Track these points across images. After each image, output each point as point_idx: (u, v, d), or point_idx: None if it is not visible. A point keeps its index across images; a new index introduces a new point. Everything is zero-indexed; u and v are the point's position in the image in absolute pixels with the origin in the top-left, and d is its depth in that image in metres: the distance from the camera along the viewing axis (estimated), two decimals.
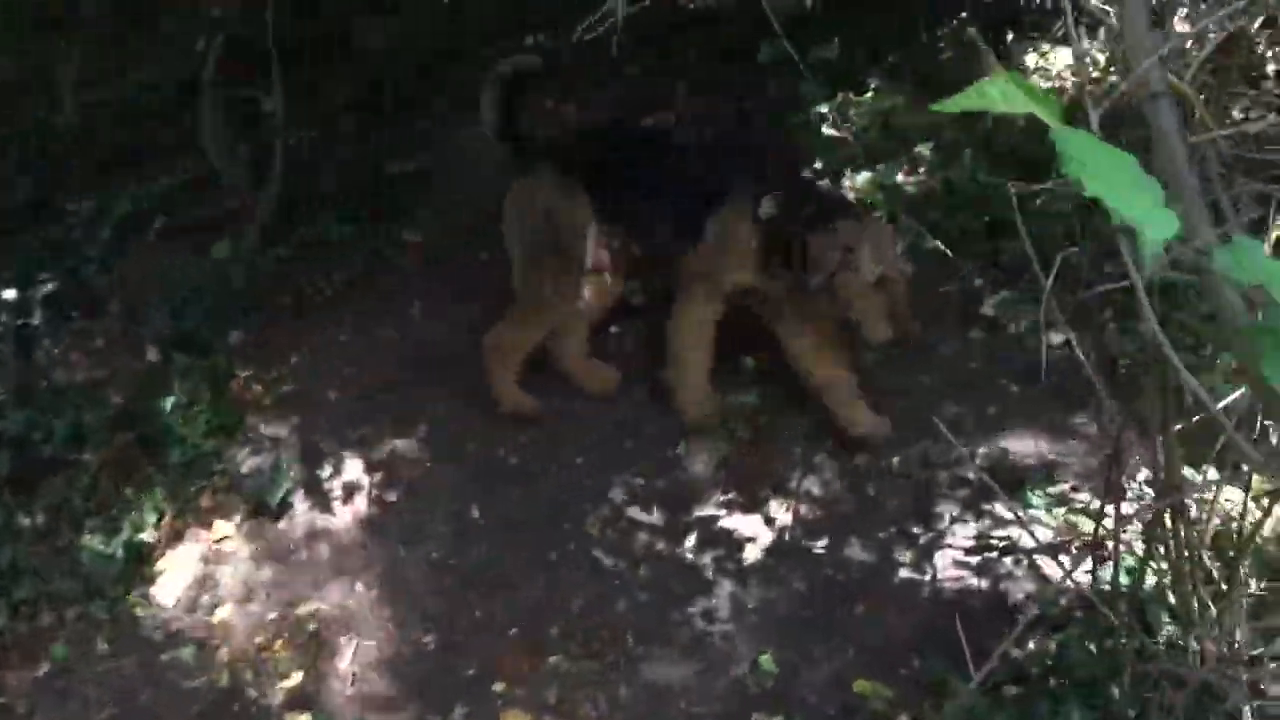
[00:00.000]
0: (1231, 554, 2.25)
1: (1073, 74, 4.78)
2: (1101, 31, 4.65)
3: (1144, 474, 3.04)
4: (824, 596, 3.17)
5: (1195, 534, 2.12)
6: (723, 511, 3.44)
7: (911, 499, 3.37)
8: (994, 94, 1.04)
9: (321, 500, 3.71)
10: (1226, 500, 2.41)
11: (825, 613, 3.13)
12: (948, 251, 3.01)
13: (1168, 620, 2.41)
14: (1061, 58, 4.85)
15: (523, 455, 3.74)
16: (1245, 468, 2.32)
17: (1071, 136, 1.01)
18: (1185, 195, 1.31)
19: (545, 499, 3.59)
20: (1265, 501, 2.36)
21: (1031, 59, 4.92)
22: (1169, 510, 2.11)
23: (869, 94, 4.77)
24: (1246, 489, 2.30)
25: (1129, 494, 3.15)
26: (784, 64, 4.45)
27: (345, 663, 3.24)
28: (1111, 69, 4.61)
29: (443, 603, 3.36)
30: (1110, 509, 2.26)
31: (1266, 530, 2.60)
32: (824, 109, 4.67)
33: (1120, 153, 1.01)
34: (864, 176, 4.43)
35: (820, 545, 3.31)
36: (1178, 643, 2.30)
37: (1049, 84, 4.79)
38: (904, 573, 3.19)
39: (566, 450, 3.72)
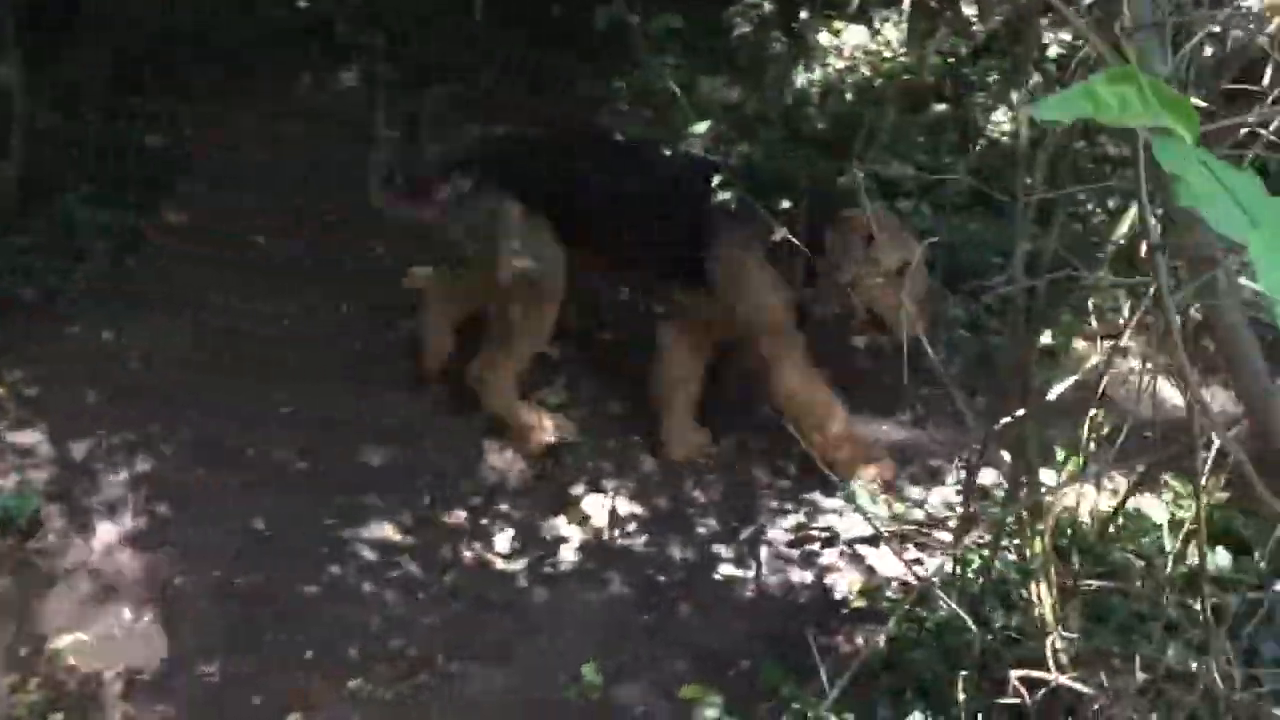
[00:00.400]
0: (1067, 545, 2.22)
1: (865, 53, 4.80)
2: (895, 13, 4.68)
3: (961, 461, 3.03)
4: (646, 598, 3.03)
5: (1044, 531, 2.07)
6: (535, 513, 3.25)
7: (731, 492, 3.26)
8: (1109, 100, 0.80)
9: (79, 518, 3.30)
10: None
11: (648, 616, 2.99)
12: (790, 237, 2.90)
13: (1002, 614, 2.37)
14: (854, 35, 4.85)
15: (311, 459, 3.44)
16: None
17: (1192, 164, 0.77)
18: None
19: (338, 506, 3.31)
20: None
21: (824, 37, 4.90)
22: (1026, 508, 2.05)
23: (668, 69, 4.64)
24: (1072, 482, 2.26)
25: (950, 483, 3.15)
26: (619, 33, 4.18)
27: (113, 701, 2.89)
28: (904, 48, 4.64)
29: (226, 627, 3.04)
30: (951, 505, 2.18)
31: (1084, 510, 2.60)
32: (621, 83, 4.52)
33: (1251, 180, 0.79)
34: None
35: (639, 544, 3.17)
36: (1016, 638, 2.25)
37: (843, 63, 4.79)
38: (727, 569, 3.08)
39: (360, 452, 3.44)
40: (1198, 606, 1.91)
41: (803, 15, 4.87)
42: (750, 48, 4.77)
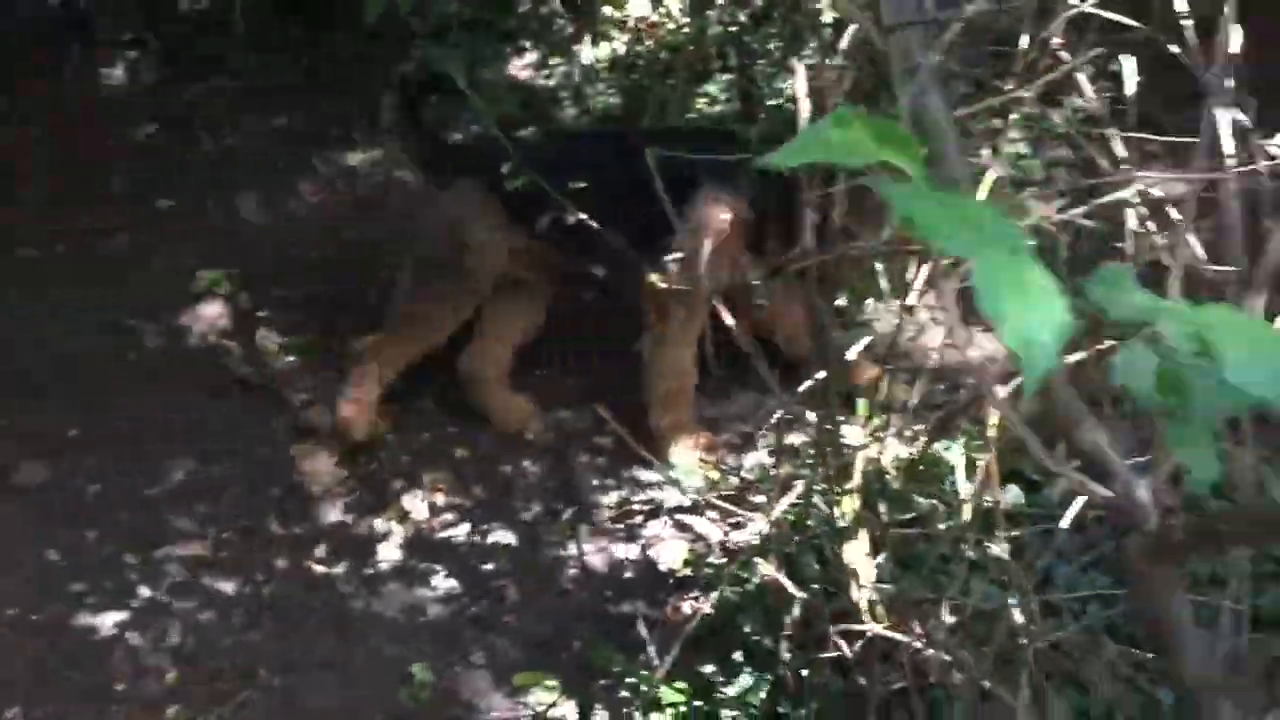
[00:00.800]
0: (874, 495, 2.30)
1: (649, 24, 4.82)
2: None
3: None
4: (472, 590, 2.99)
5: (852, 490, 2.14)
6: (352, 514, 3.17)
7: (550, 474, 3.25)
8: (838, 140, 0.82)
9: None
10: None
11: (476, 607, 2.96)
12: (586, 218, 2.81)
13: (819, 571, 2.44)
14: (637, 8, 4.86)
15: (104, 480, 3.27)
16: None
17: (917, 198, 0.79)
18: (953, 171, 1.22)
19: (139, 526, 3.15)
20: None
21: (608, 10, 4.89)
22: (835, 470, 2.12)
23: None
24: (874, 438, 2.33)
25: (761, 447, 3.22)
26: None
27: None
28: (686, 18, 4.68)
29: (26, 667, 2.85)
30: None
31: (887, 461, 2.70)
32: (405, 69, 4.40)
33: (978, 205, 0.82)
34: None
35: (461, 535, 3.12)
36: (834, 592, 2.32)
37: (628, 36, 4.80)
38: (552, 551, 3.07)
39: (160, 469, 3.28)
40: (996, 546, 2.01)
41: None
42: (535, 24, 4.73)
